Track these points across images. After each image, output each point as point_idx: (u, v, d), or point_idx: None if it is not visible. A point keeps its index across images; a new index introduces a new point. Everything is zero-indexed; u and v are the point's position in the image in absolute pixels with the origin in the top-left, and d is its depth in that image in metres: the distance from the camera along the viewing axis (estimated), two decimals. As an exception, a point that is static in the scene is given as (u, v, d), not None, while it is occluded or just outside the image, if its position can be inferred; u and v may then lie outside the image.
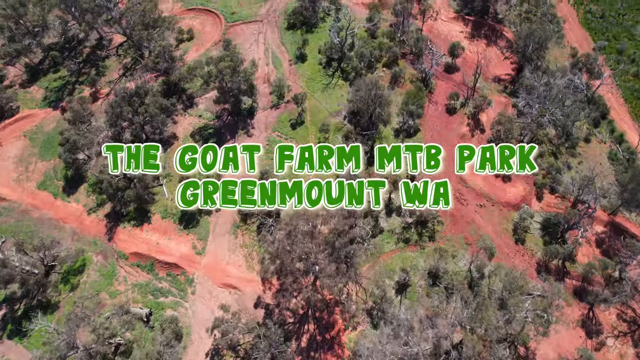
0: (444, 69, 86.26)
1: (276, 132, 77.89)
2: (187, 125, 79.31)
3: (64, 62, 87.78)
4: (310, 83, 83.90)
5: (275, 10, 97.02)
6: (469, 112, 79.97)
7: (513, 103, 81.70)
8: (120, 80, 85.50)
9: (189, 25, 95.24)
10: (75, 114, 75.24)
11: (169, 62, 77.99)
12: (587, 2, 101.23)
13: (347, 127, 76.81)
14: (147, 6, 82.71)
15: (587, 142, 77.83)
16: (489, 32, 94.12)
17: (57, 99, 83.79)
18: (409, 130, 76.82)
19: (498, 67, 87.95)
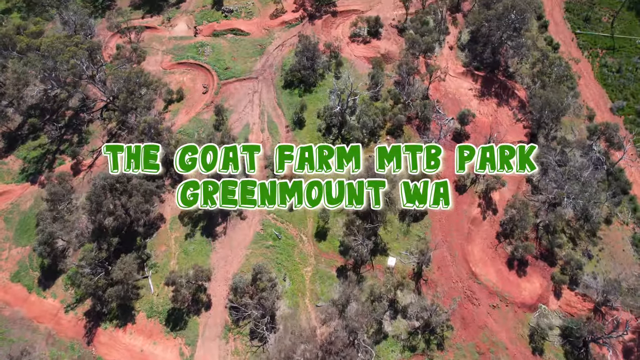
0: (453, 136, 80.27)
1: (271, 215, 71.90)
2: (175, 205, 73.20)
3: (45, 128, 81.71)
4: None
5: (271, 65, 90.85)
6: (480, 190, 74.06)
7: (527, 177, 75.84)
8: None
9: (179, 81, 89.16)
10: (54, 195, 69.18)
11: (155, 138, 71.85)
12: (603, 54, 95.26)
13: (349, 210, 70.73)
14: (131, 72, 76.21)
15: (608, 224, 71.93)
16: (500, 89, 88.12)
17: (36, 171, 77.70)
18: (416, 213, 70.83)
19: (510, 132, 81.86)
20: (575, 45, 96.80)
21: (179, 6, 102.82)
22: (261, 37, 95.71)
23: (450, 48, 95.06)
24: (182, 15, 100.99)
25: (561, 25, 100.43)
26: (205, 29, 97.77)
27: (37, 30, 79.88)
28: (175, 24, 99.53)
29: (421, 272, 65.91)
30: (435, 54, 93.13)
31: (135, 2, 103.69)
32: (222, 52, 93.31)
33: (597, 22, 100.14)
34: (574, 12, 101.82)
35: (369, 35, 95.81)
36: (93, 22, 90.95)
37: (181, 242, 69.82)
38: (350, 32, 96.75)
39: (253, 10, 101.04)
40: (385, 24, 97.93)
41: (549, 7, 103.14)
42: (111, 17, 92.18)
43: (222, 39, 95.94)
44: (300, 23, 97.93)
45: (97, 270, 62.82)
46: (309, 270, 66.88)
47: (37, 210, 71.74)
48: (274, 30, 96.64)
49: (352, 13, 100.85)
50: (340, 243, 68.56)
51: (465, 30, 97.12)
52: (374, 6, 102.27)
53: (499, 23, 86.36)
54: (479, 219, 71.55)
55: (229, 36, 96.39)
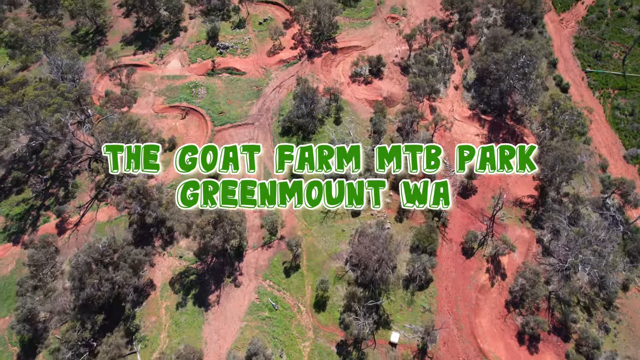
0: (459, 191, 76.08)
1: (267, 281, 67.74)
2: (166, 270, 69.16)
3: (29, 180, 77.51)
4: (307, 211, 73.54)
5: (268, 109, 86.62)
6: (489, 253, 69.99)
7: (537, 237, 71.83)
8: (91, 205, 75.38)
9: (171, 127, 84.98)
10: (36, 262, 65.10)
11: (143, 203, 67.65)
12: (615, 95, 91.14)
13: (349, 276, 66.75)
14: (120, 126, 71.94)
15: (625, 290, 67.90)
16: (508, 135, 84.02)
17: (18, 229, 73.52)
18: (421, 282, 66.69)
19: (519, 185, 77.75)
20: (585, 85, 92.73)
21: (172, 41, 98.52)
22: (258, 77, 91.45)
23: (455, 88, 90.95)
24: (175, 52, 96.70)
25: (570, 62, 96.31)
26: (199, 68, 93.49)
27: (21, 81, 75.36)
28: (168, 61, 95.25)
29: (426, 349, 61.86)
30: (441, 96, 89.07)
31: (126, 37, 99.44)
32: (217, 94, 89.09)
33: (607, 59, 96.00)
34: (584, 48, 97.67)
35: (371, 75, 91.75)
36: (82, 65, 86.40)
37: (172, 312, 65.66)
38: (351, 71, 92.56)
39: (249, 47, 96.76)
40: (388, 61, 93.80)
41: (558, 42, 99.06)
42: (100, 59, 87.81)
43: (217, 79, 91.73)
44: (299, 61, 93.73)
45: (80, 351, 58.64)
46: (307, 346, 62.82)
47: (18, 276, 67.66)
48: (271, 70, 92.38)
49: (353, 49, 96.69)
50: (340, 315, 64.36)
51: (472, 69, 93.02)
52: (376, 41, 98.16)
53: (508, 68, 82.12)
54: (487, 287, 67.48)
55: (224, 76, 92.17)
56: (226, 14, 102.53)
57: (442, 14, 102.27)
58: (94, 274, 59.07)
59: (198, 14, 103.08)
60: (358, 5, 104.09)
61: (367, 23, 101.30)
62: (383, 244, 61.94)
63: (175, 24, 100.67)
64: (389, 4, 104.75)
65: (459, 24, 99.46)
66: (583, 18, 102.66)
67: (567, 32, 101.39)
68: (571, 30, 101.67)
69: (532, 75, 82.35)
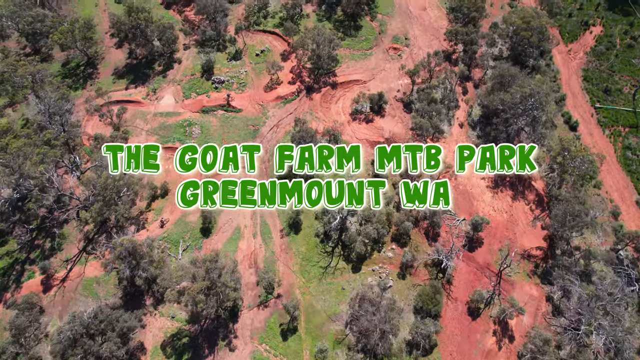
0: (464, 243, 72.74)
1: (264, 345, 64.31)
2: (157, 331, 65.73)
3: (13, 231, 74.03)
4: (305, 266, 70.29)
5: (265, 150, 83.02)
6: (496, 314, 66.61)
7: (547, 295, 68.54)
8: (79, 259, 71.96)
9: (164, 169, 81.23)
10: (18, 328, 61.70)
11: (132, 264, 64.15)
12: (626, 133, 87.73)
13: (350, 341, 63.39)
14: (108, 178, 68.39)
15: None
16: (515, 179, 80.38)
17: (1, 286, 70.01)
18: (425, 347, 63.28)
19: (527, 235, 74.43)
20: (595, 122, 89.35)
21: (166, 74, 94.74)
22: (254, 114, 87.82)
23: (460, 126, 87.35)
24: (168, 86, 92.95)
25: (579, 97, 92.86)
26: (193, 104, 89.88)
27: (5, 129, 71.68)
28: (162, 97, 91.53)
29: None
30: (445, 135, 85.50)
31: (118, 70, 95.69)
32: (212, 133, 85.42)
33: (617, 93, 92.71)
34: (593, 82, 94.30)
35: (372, 112, 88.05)
36: (71, 104, 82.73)
37: (163, 381, 62.41)
38: (351, 108, 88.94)
39: (246, 81, 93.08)
40: (390, 97, 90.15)
41: (566, 76, 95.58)
42: (90, 99, 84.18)
43: (211, 116, 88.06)
44: (297, 98, 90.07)
45: None
46: (306, 419, 59.57)
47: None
48: (268, 107, 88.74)
49: (354, 84, 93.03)
50: (340, 385, 61.18)
51: (477, 105, 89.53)
52: (377, 74, 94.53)
53: (515, 111, 78.61)
54: (494, 351, 64.17)
55: (219, 113, 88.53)
56: (222, 44, 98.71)
57: (446, 44, 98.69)
58: (77, 348, 55.60)
59: (193, 44, 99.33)
60: (359, 34, 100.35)
61: (369, 54, 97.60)
62: (385, 315, 58.43)
63: (169, 55, 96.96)
64: (390, 33, 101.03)
65: (463, 55, 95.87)
66: (592, 49, 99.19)
67: (576, 64, 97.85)
68: (579, 62, 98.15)
69: (542, 119, 78.82)
